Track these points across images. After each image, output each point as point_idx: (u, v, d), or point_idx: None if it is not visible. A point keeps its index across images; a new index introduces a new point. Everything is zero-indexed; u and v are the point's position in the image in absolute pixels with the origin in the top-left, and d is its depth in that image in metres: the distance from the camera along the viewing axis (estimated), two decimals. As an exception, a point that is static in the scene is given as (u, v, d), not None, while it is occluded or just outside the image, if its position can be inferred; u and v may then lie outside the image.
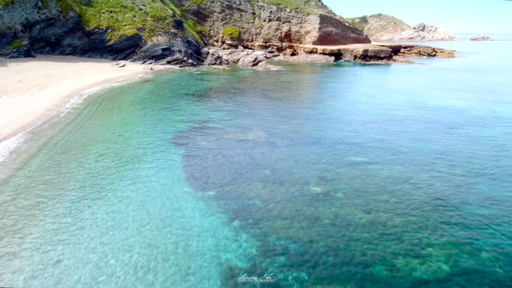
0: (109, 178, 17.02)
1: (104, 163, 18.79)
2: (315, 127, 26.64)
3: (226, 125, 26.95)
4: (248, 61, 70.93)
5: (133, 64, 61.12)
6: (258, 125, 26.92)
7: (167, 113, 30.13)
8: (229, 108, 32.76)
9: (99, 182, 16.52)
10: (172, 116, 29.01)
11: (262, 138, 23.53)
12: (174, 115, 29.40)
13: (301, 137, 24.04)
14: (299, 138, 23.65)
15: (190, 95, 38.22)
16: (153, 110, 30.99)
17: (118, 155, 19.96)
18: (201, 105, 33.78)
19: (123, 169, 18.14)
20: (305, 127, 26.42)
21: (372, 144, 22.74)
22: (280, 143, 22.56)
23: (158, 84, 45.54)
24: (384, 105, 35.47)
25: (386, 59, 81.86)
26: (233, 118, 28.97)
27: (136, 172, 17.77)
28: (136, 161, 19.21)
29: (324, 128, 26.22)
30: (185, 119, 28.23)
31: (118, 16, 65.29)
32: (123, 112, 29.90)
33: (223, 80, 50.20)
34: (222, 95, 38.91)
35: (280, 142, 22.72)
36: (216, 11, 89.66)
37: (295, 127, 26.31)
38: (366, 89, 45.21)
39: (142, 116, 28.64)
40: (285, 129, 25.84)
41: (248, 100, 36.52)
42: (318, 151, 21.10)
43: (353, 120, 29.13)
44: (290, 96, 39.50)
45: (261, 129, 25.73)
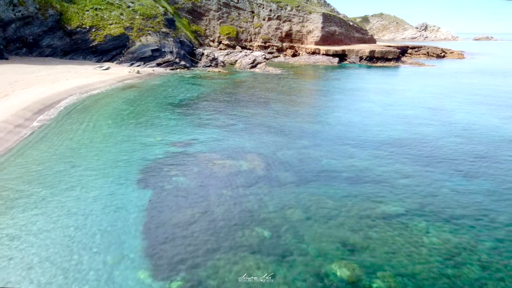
0: (28, 254, 11.43)
1: (35, 218, 13.22)
2: (327, 152, 21.05)
3: (215, 148, 21.37)
4: (246, 63, 65.37)
5: (119, 67, 55.50)
6: (255, 148, 21.34)
7: (143, 131, 24.53)
8: (220, 123, 27.17)
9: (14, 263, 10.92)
10: (148, 137, 23.41)
11: (259, 171, 17.95)
12: (151, 135, 23.81)
13: (310, 169, 18.45)
14: (308, 172, 18.06)
15: (176, 106, 32.62)
16: (127, 127, 25.38)
17: (59, 204, 14.41)
18: (187, 119, 28.20)
19: (52, 235, 12.55)
20: (314, 153, 20.83)
21: (405, 182, 17.16)
22: (283, 180, 16.97)
23: (142, 91, 39.92)
24: (404, 118, 29.88)
25: (394, 61, 76.27)
26: (223, 138, 23.38)
27: (71, 242, 12.15)
28: (78, 218, 13.61)
29: (339, 154, 20.63)
30: (163, 141, 22.63)
31: (103, 14, 59.65)
32: (89, 130, 24.28)
33: (217, 86, 44.62)
34: (213, 106, 33.32)
35: (283, 178, 17.13)
36: (213, 9, 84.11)
37: (301, 153, 20.71)
38: (379, 97, 39.62)
39: (110, 137, 23.01)
40: (289, 155, 20.25)
41: (243, 112, 30.94)
42: (336, 196, 15.51)
43: (372, 141, 23.53)
44: (292, 107, 33.91)
45: (258, 155, 20.14)
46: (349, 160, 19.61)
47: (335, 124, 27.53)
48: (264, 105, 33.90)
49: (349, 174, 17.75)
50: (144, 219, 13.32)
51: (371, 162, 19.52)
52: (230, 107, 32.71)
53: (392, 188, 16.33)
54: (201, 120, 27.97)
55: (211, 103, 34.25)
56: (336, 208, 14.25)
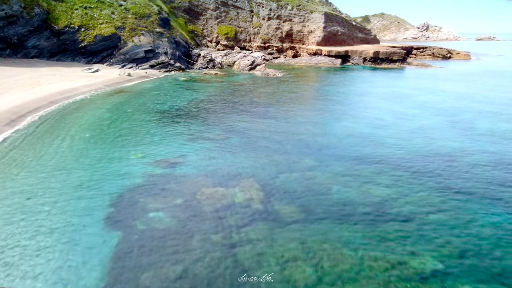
0: None
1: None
2: (337, 176, 17.78)
3: (205, 170, 18.10)
4: (244, 65, 62.09)
5: (109, 69, 52.22)
6: (252, 170, 18.07)
7: (123, 146, 21.25)
8: (213, 136, 23.89)
9: None
10: (128, 153, 20.13)
11: (257, 204, 14.68)
12: (133, 150, 20.53)
13: (318, 201, 15.19)
14: (316, 205, 14.79)
15: (165, 114, 29.34)
16: (105, 140, 22.09)
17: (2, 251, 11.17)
18: (175, 130, 24.92)
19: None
20: (321, 176, 17.55)
21: (436, 218, 13.90)
22: (285, 218, 13.70)
23: (130, 96, 36.62)
24: (421, 130, 26.60)
25: (399, 62, 72.97)
26: (216, 156, 20.11)
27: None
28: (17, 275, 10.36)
29: (351, 179, 17.36)
30: (146, 159, 19.36)
31: (93, 13, 56.33)
32: (60, 147, 20.98)
33: (212, 90, 41.33)
34: (206, 114, 30.06)
35: (285, 215, 13.86)
36: (210, 8, 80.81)
37: (306, 177, 17.43)
38: (388, 103, 36.32)
39: (83, 155, 19.72)
40: (292, 181, 16.97)
41: (239, 122, 27.67)
42: (353, 243, 12.25)
43: (389, 159, 20.27)
44: (294, 115, 30.65)
45: (255, 180, 16.87)
46: (364, 187, 16.33)
47: (343, 137, 24.25)
48: (263, 113, 30.63)
49: (366, 208, 14.47)
50: (103, 281, 10.04)
51: (391, 189, 16.24)
52: (225, 116, 29.44)
53: (422, 229, 13.06)
54: (191, 132, 24.69)
55: (205, 111, 30.97)
56: (354, 263, 10.96)
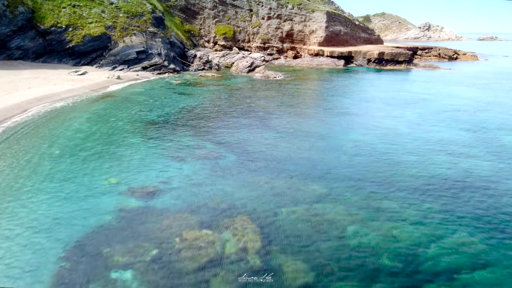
0: None
1: None
2: (351, 210, 14.52)
3: (190, 203, 14.85)
4: (242, 66, 58.79)
5: (98, 71, 48.94)
6: (247, 203, 14.82)
7: (96, 167, 18.00)
8: (203, 153, 20.62)
9: None
10: (100, 177, 16.87)
11: (253, 257, 11.43)
12: (106, 174, 17.28)
13: (330, 251, 11.95)
14: (327, 258, 11.55)
15: (151, 125, 26.06)
16: (75, 160, 18.83)
17: None
18: (161, 146, 21.66)
19: None
20: (332, 211, 14.29)
21: (485, 276, 10.66)
22: (289, 277, 10.44)
23: (116, 102, 33.34)
24: (442, 145, 23.32)
25: (405, 63, 69.72)
26: (205, 182, 16.86)
27: None
28: None
29: (369, 215, 14.10)
30: (119, 185, 16.10)
31: (82, 12, 53.02)
32: (21, 169, 17.70)
33: (208, 95, 38.06)
34: (198, 125, 26.78)
35: (289, 275, 10.59)
36: (208, 7, 77.51)
37: (313, 213, 14.16)
38: (400, 110, 33.03)
39: (44, 181, 16.43)
40: (296, 218, 13.71)
41: (235, 135, 24.40)
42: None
43: (411, 185, 17.01)
44: (296, 125, 27.39)
45: (251, 219, 13.61)
46: (386, 227, 13.08)
47: (354, 154, 20.98)
48: (262, 124, 27.36)
49: (393, 261, 11.21)
50: None
51: (420, 230, 12.98)
52: (219, 127, 26.17)
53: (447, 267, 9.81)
54: (179, 148, 21.42)
55: (196, 122, 27.69)
56: None
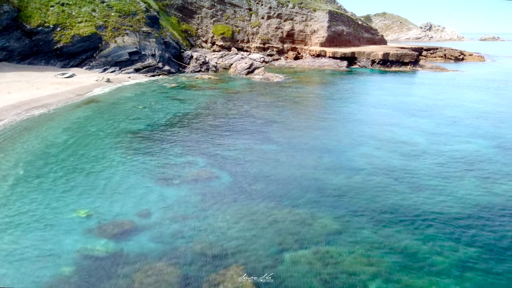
0: None
1: None
2: (374, 256, 11.63)
3: (168, 248, 11.97)
4: (241, 68, 55.90)
5: (88, 73, 46.07)
6: (242, 243, 11.95)
7: (62, 195, 15.12)
8: (192, 174, 17.74)
9: None
10: (67, 208, 14.00)
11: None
12: (74, 204, 14.40)
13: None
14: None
15: (136, 136, 23.17)
16: (41, 183, 15.95)
17: None
18: (143, 164, 18.78)
19: None
20: (349, 259, 11.39)
21: None
22: None
23: (101, 109, 30.45)
24: (467, 162, 20.42)
25: (411, 65, 66.84)
26: (190, 215, 13.99)
27: None
28: None
29: (395, 259, 11.22)
30: (88, 222, 13.23)
31: (71, 10, 50.15)
32: (-27, 193, 14.83)
33: (203, 100, 35.17)
34: (189, 137, 23.89)
35: None
36: (205, 6, 74.66)
37: (326, 260, 11.25)
38: (413, 118, 30.11)
39: None
40: (303, 266, 10.83)
41: (230, 150, 21.53)
42: None
43: (440, 217, 14.14)
44: (300, 138, 24.51)
45: (247, 269, 10.72)
46: (419, 282, 10.17)
47: (368, 174, 18.10)
48: (261, 135, 24.47)
49: None
50: None
51: (463, 284, 10.09)
52: (213, 139, 23.27)
53: None
54: (165, 166, 18.54)
55: (188, 132, 24.80)
56: None
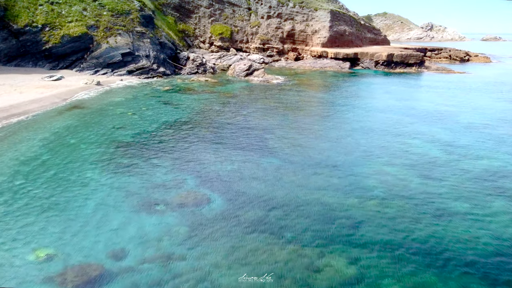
0: None
1: None
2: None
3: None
4: (240, 70, 53.41)
5: (78, 76, 43.59)
6: None
7: (22, 229, 12.66)
8: (180, 198, 15.27)
9: None
10: (24, 248, 11.56)
11: None
12: (34, 241, 11.97)
13: None
14: None
15: (119, 150, 20.69)
16: None
17: None
18: (124, 183, 16.31)
19: None
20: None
21: None
22: None
23: (86, 115, 27.95)
24: (496, 182, 17.96)
25: (416, 66, 64.37)
26: (173, 256, 11.57)
27: None
28: None
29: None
30: (47, 267, 10.78)
31: (61, 10, 47.68)
32: None
33: (197, 105, 32.69)
34: (178, 149, 21.42)
35: None
36: (203, 5, 72.22)
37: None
38: (427, 127, 27.62)
39: None
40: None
41: (224, 166, 19.06)
42: None
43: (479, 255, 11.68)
44: (303, 151, 22.04)
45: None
46: None
47: (382, 197, 15.60)
48: (259, 147, 21.98)
49: None
50: None
51: None
52: (207, 152, 20.80)
53: None
54: (149, 187, 16.06)
55: (179, 143, 22.31)
56: None
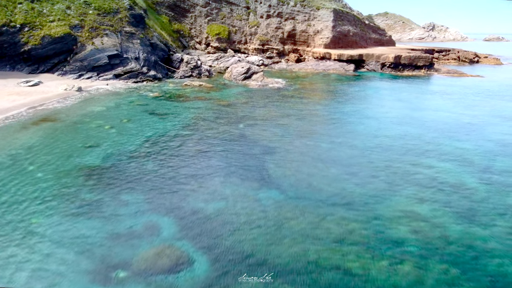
0: None
1: None
2: None
3: None
4: (237, 73, 49.52)
5: (59, 80, 39.72)
6: None
7: None
8: (153, 252, 11.40)
9: None
10: None
11: None
12: None
13: None
14: None
15: (87, 176, 16.82)
16: None
17: None
18: (80, 235, 12.46)
19: None
20: None
21: None
22: None
23: (56, 130, 24.02)
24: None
25: (425, 69, 60.50)
26: None
27: None
28: None
29: None
30: None
31: (42, 8, 43.80)
32: None
33: (187, 116, 28.80)
34: (159, 176, 17.54)
35: None
36: (199, 4, 68.41)
37: None
38: (453, 145, 23.73)
39: None
40: None
41: (211, 200, 15.19)
42: None
43: None
44: (308, 177, 18.17)
45: None
46: None
47: (418, 257, 11.73)
48: (256, 172, 18.10)
49: None
50: None
51: None
52: (191, 183, 16.90)
53: None
54: (111, 238, 12.20)
55: (158, 170, 18.40)
56: None
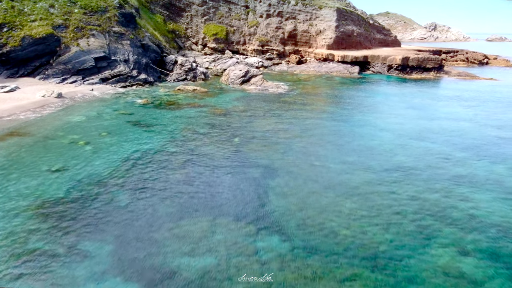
0: None
1: None
2: None
3: None
4: (235, 77, 46.14)
5: (40, 85, 36.33)
6: None
7: None
8: None
9: None
10: None
11: None
12: None
13: None
14: None
15: (44, 214, 13.46)
16: None
17: None
18: None
19: None
20: None
21: None
22: None
23: (22, 147, 20.63)
24: None
25: (434, 71, 57.10)
26: None
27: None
28: None
29: None
30: None
31: (23, 7, 40.38)
32: None
33: (177, 127, 25.40)
34: (133, 212, 14.17)
35: None
36: (196, 2, 65.12)
37: None
38: (483, 166, 20.34)
39: None
40: None
41: (196, 248, 11.83)
42: None
43: None
44: (316, 213, 14.80)
45: None
46: None
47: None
48: (252, 203, 14.73)
49: None
50: None
51: None
52: (174, 220, 13.53)
53: None
54: None
55: (132, 205, 15.02)
56: None
